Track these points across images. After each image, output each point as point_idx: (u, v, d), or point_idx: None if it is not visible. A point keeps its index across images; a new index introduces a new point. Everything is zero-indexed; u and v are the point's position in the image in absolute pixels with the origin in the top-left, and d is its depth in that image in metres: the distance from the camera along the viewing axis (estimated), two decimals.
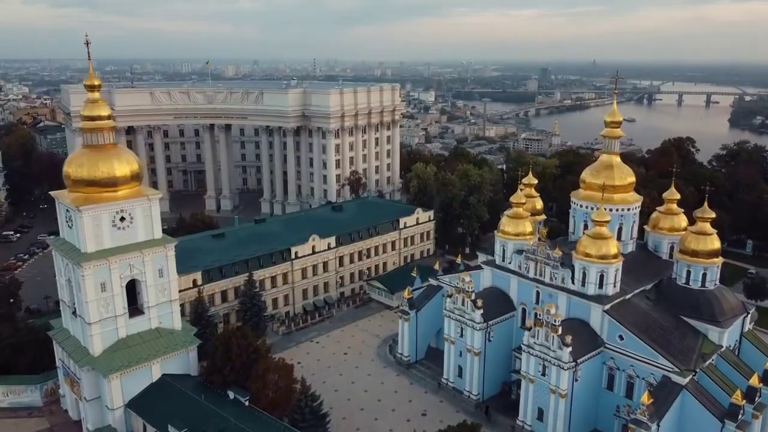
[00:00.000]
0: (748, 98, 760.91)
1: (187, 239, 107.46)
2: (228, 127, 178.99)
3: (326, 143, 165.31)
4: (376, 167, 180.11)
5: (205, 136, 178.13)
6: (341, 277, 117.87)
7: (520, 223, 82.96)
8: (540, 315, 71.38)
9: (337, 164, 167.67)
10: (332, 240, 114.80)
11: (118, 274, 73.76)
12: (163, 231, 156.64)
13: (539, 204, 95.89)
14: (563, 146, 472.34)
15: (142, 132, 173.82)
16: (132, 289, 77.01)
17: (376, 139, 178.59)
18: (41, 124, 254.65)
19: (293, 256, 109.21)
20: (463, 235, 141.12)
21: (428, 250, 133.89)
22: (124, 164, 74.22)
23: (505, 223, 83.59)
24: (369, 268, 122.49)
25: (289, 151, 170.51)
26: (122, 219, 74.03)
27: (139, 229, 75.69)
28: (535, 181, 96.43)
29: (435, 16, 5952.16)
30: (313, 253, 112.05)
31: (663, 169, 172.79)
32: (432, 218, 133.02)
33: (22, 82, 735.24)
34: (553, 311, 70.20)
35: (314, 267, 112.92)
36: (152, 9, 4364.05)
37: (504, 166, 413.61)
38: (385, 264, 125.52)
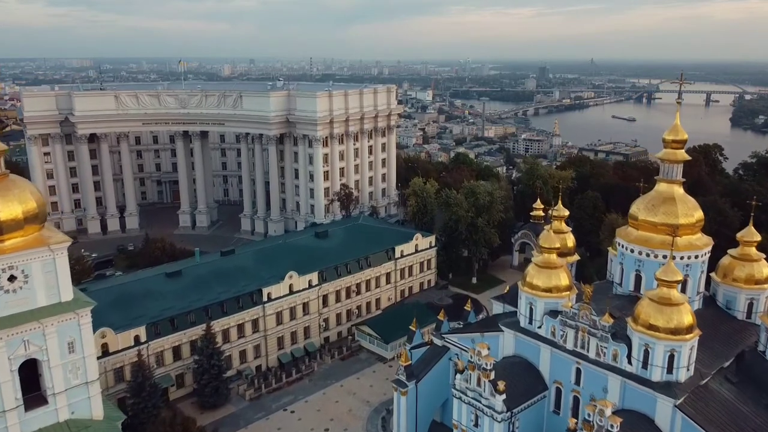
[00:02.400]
0: (748, 97, 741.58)
1: (132, 281, 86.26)
2: (204, 133, 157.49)
3: (313, 152, 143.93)
4: (370, 178, 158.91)
5: (178, 144, 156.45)
6: (325, 320, 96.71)
7: (553, 275, 61.71)
8: (590, 416, 50.23)
9: (326, 176, 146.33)
10: (314, 276, 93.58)
11: (6, 354, 52.59)
12: (128, 251, 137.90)
13: (571, 241, 74.84)
14: (564, 147, 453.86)
15: (107, 140, 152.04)
16: (33, 369, 55.96)
17: (370, 147, 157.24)
18: (7, 129, 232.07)
19: (265, 299, 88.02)
20: (468, 258, 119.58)
21: (429, 281, 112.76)
22: (12, 203, 52.75)
23: (534, 275, 62.34)
24: (359, 307, 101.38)
25: (271, 162, 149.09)
26: (11, 278, 52.70)
27: (37, 291, 54.20)
28: (566, 213, 75.13)
29: (433, 15, 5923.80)
30: (291, 293, 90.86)
31: (690, 180, 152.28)
32: (433, 244, 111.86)
33: (16, 81, 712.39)
34: (608, 412, 49.07)
35: (292, 310, 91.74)
36: (150, 8, 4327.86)
37: (504, 168, 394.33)
38: (378, 300, 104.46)
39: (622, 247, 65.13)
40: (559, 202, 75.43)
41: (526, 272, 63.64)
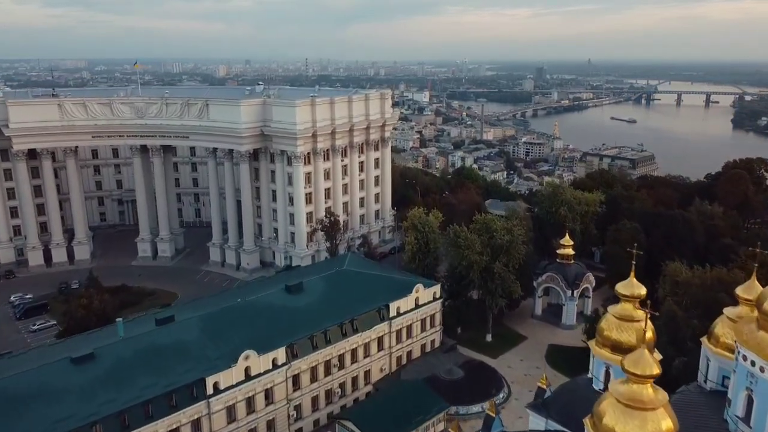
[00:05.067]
0: (748, 98, 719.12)
1: (21, 373, 60.40)
2: (167, 148, 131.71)
3: (292, 171, 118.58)
4: (361, 199, 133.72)
5: (135, 161, 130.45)
6: (297, 407, 71.38)
7: (649, 420, 36.30)
8: None
9: (308, 199, 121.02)
10: (280, 353, 68.26)
11: None
12: (71, 291, 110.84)
13: (650, 331, 49.09)
14: (566, 150, 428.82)
15: (50, 156, 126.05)
16: None
17: (361, 163, 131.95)
18: None
19: (211, 391, 62.70)
20: (480, 303, 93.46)
21: (433, 341, 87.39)
22: None
23: (614, 418, 36.94)
24: (342, 385, 76.12)
25: (243, 182, 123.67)
26: None
27: None
28: (643, 291, 49.34)
29: (430, 15, 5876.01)
30: (248, 378, 65.55)
31: (735, 201, 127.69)
32: (438, 295, 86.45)
33: (8, 83, 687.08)
34: None
35: (250, 400, 66.42)
36: (148, 8, 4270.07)
37: (505, 173, 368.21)
38: (367, 373, 79.25)
39: (748, 360, 39.84)
40: (632, 274, 49.75)
41: (601, 410, 38.21)
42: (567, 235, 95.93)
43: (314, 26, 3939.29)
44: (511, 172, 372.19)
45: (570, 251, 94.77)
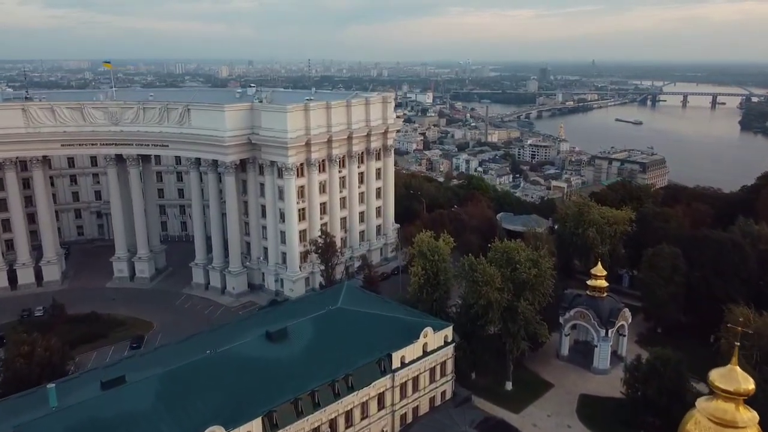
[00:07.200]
0: (755, 99, 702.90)
1: None
2: (145, 157, 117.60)
3: (283, 184, 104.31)
4: (361, 214, 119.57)
5: (110, 172, 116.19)
6: None
7: None
8: None
9: (301, 215, 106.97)
10: (255, 425, 53.81)
11: None
12: (35, 318, 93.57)
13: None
14: (573, 153, 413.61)
15: (15, 166, 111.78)
16: None
17: (361, 174, 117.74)
18: None
19: None
20: (498, 342, 78.72)
21: (443, 393, 72.81)
22: None
23: None
24: None
25: (229, 196, 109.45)
26: None
27: None
28: (751, 387, 34.64)
29: (432, 15, 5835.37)
30: None
31: None
32: (450, 339, 71.92)
33: (10, 83, 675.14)
34: None
35: None
36: (147, 8, 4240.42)
37: (510, 177, 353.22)
38: None
39: None
40: (734, 359, 35.13)
41: None
42: (599, 263, 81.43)
43: (315, 27, 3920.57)
44: (517, 175, 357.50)
45: (603, 282, 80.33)
